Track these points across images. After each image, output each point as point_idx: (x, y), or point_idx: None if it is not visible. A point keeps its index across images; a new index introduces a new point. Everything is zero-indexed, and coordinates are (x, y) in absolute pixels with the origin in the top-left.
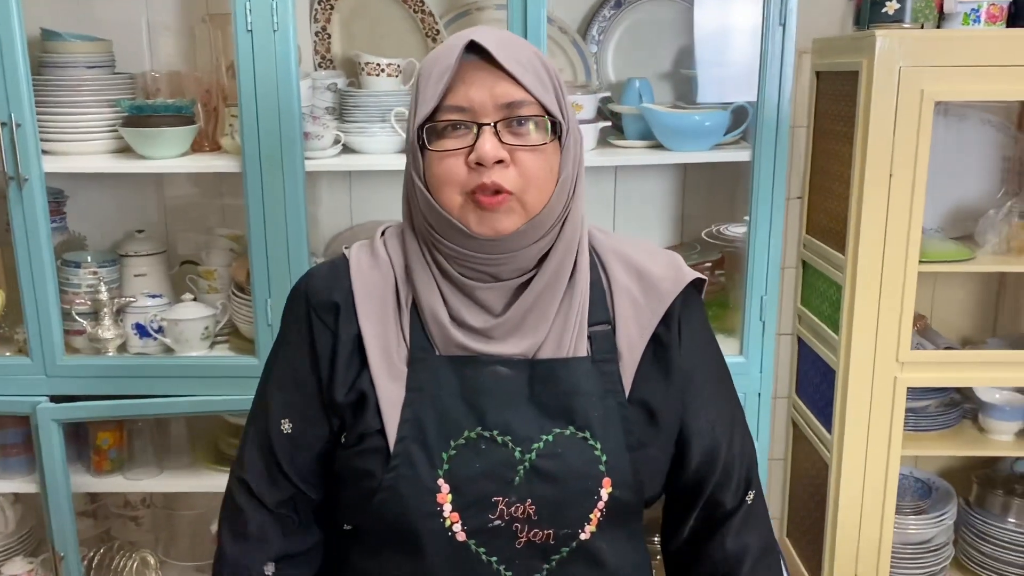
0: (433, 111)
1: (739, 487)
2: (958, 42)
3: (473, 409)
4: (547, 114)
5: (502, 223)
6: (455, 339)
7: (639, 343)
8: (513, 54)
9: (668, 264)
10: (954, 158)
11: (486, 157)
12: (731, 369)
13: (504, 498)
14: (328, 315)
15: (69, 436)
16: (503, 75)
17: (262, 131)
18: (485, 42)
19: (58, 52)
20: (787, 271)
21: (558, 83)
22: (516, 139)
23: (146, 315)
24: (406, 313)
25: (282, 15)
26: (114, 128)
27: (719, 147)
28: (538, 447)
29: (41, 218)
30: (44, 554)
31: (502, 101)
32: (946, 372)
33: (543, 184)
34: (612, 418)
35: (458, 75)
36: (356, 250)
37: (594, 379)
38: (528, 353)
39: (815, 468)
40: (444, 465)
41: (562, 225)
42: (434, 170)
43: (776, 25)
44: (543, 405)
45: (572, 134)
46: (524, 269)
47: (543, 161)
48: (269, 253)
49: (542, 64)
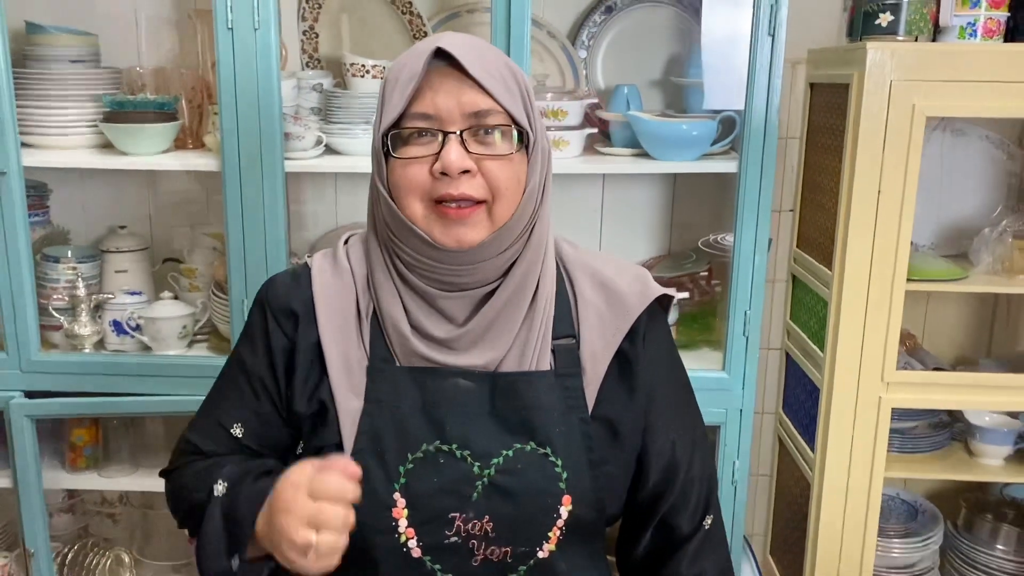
0: (399, 118)
1: (696, 511)
2: (953, 56)
3: (433, 422)
4: (514, 123)
5: (468, 234)
6: (416, 349)
7: (603, 358)
8: (481, 62)
9: (635, 279)
10: (951, 175)
11: (451, 167)
12: (713, 384)
13: (461, 514)
14: (287, 323)
15: (45, 432)
16: (471, 83)
17: (242, 130)
18: (453, 49)
19: (42, 45)
20: (777, 285)
21: (526, 92)
22: (482, 148)
23: (124, 312)
24: (367, 323)
25: (264, 13)
26: (96, 123)
27: (707, 157)
28: (497, 463)
29: (19, 212)
30: (19, 549)
31: (469, 110)
32: (933, 394)
33: (511, 194)
34: (574, 434)
35: (425, 82)
36: (319, 259)
37: (556, 394)
38: (490, 365)
39: (799, 486)
40: (401, 479)
41: (529, 235)
42: (398, 177)
43: (765, 35)
44: (504, 420)
45: (539, 143)
46: (488, 279)
47: (510, 171)
48: (247, 253)
49: (511, 72)
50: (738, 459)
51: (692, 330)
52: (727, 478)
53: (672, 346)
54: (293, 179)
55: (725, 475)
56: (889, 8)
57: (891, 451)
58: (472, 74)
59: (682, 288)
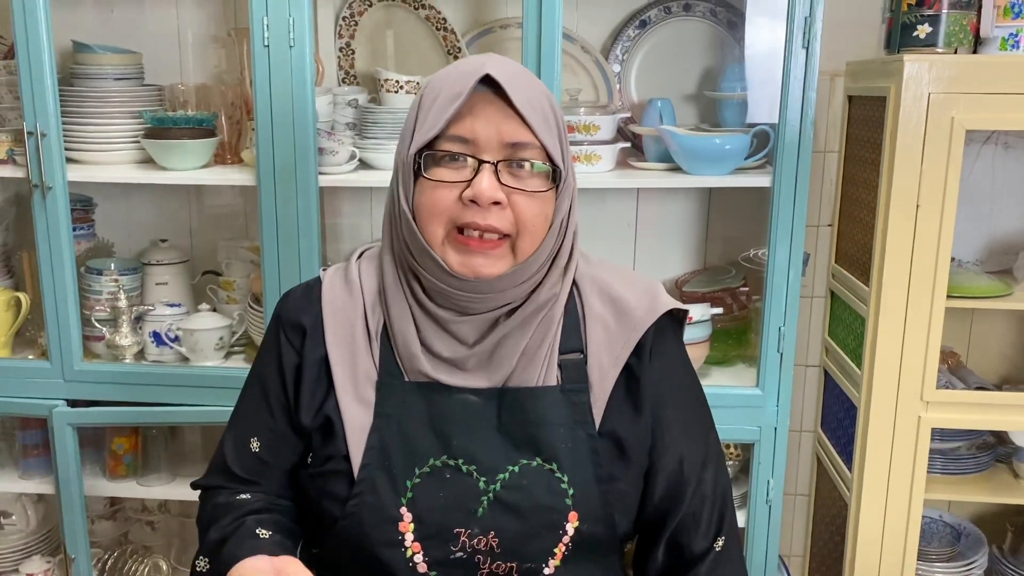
0: (434, 138)
1: (709, 531)
2: (992, 68)
3: (440, 437)
4: (549, 159)
5: (486, 267)
6: (422, 368)
7: (611, 373)
8: (525, 93)
9: (643, 293)
10: (999, 189)
11: (483, 196)
12: (746, 401)
13: (467, 529)
14: (296, 337)
15: (87, 440)
16: (512, 113)
17: (277, 145)
18: (500, 77)
19: (87, 64)
20: (816, 301)
21: (562, 127)
22: (515, 181)
23: (163, 323)
24: (376, 339)
25: (299, 31)
26: (138, 139)
27: (740, 171)
28: (503, 478)
29: (63, 226)
30: (61, 555)
31: (508, 140)
32: (975, 414)
33: (537, 231)
34: (581, 450)
35: (466, 105)
36: (330, 273)
37: (563, 409)
38: (496, 385)
39: (837, 506)
40: (408, 493)
41: (549, 267)
42: (424, 198)
43: (799, 48)
44: (510, 435)
45: (568, 181)
46: (501, 305)
47: (539, 207)
48: (281, 266)
49: (550, 106)
50: (772, 478)
51: (727, 345)
52: (761, 497)
53: (683, 361)
54: (330, 193)
55: (759, 494)
56: (928, 20)
57: (933, 472)
58: (516, 104)
59: (717, 303)
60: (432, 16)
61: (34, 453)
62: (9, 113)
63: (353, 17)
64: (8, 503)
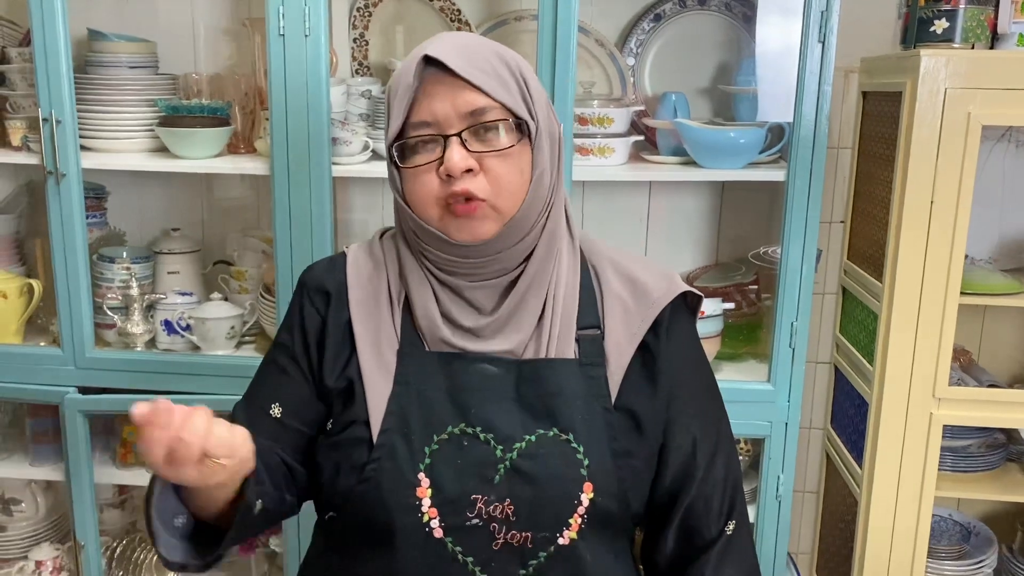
0: (402, 128)
1: (719, 515)
2: (1010, 64)
3: (458, 405)
4: (513, 115)
5: (479, 229)
6: (444, 336)
7: (627, 349)
8: (470, 61)
9: (661, 275)
10: (1012, 187)
11: (454, 168)
12: (757, 396)
13: (483, 496)
14: (320, 300)
15: (97, 427)
16: (463, 84)
17: (291, 135)
18: (439, 54)
19: (102, 52)
20: (827, 297)
21: (523, 81)
22: (483, 145)
23: (175, 312)
24: (398, 309)
25: (314, 21)
26: (152, 128)
27: (754, 166)
28: (520, 447)
29: (77, 213)
30: (71, 542)
31: (464, 110)
32: (987, 411)
33: (514, 188)
34: (596, 423)
35: (420, 90)
36: (355, 247)
37: (580, 382)
38: (516, 351)
39: (846, 503)
40: (426, 459)
41: (547, 218)
42: (410, 187)
43: (815, 43)
44: (528, 405)
45: (545, 128)
46: (509, 267)
47: (511, 164)
48: (294, 256)
49: (504, 65)
50: (783, 474)
51: (738, 341)
52: (771, 493)
53: (697, 346)
54: (342, 185)
55: (769, 490)
56: (945, 15)
57: (943, 470)
58: (462, 75)
59: (728, 299)
60: (447, 7)
61: (44, 440)
62: (24, 100)
63: (367, 8)
64: (18, 490)
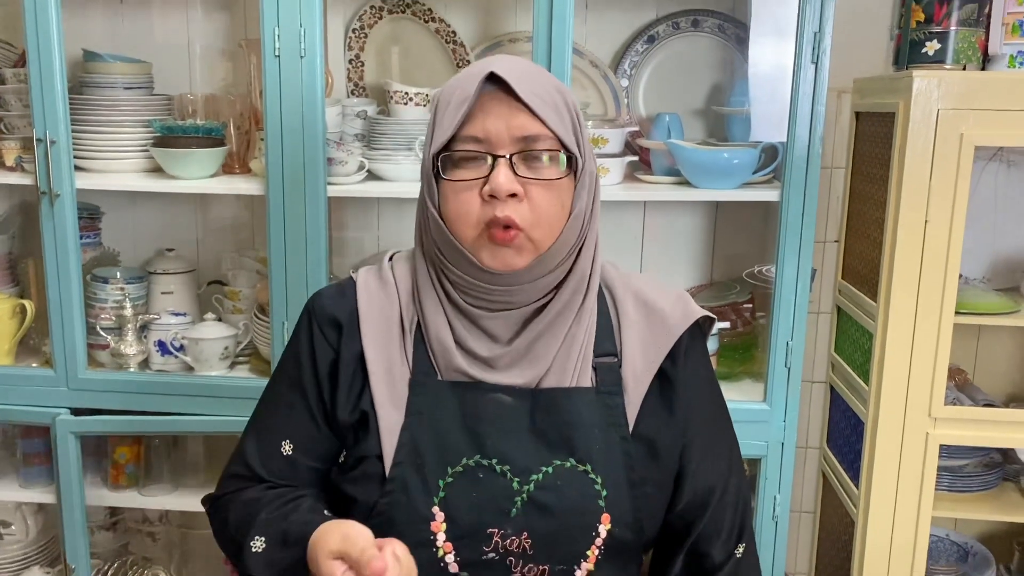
0: (449, 140)
1: (730, 538)
2: (1002, 85)
3: (473, 436)
4: (563, 148)
5: (512, 259)
6: (458, 365)
7: (645, 377)
8: (532, 87)
9: (677, 300)
10: (1004, 206)
11: (500, 189)
12: (753, 416)
13: (500, 530)
14: (331, 332)
15: (89, 449)
16: (521, 107)
17: (286, 155)
18: (505, 73)
19: (98, 73)
20: (822, 316)
21: (576, 117)
22: (531, 172)
23: (168, 332)
24: (410, 336)
25: (310, 42)
26: (147, 148)
27: (748, 186)
28: (537, 478)
29: (71, 233)
30: (61, 565)
31: (518, 134)
32: (984, 431)
33: (553, 220)
34: (614, 452)
35: (476, 105)
36: (363, 273)
37: (597, 411)
38: (531, 383)
39: (843, 524)
40: (440, 493)
41: (576, 256)
42: (449, 202)
43: (808, 64)
44: (544, 435)
45: (587, 167)
46: (533, 299)
47: (555, 196)
48: (288, 276)
49: (562, 97)
50: (779, 494)
51: (733, 361)
52: (768, 513)
53: (710, 369)
54: (337, 205)
55: (766, 510)
56: (936, 37)
57: (940, 489)
58: (522, 98)
59: (723, 318)
60: (442, 29)
61: (35, 462)
62: (18, 121)
63: (363, 29)
64: (8, 512)
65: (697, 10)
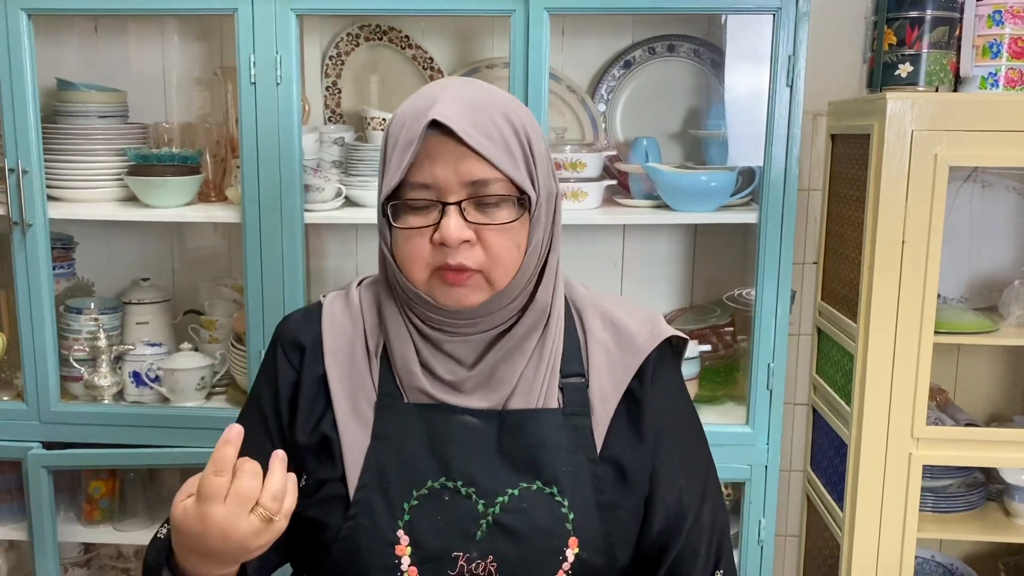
0: (399, 185)
1: (707, 565)
2: (974, 106)
3: (439, 459)
4: (516, 189)
5: (468, 298)
6: (424, 388)
7: (612, 397)
8: (478, 126)
9: (645, 320)
10: (980, 226)
11: (450, 239)
12: (736, 439)
13: (465, 553)
14: (294, 354)
15: (63, 484)
16: (468, 151)
17: (262, 182)
18: (449, 118)
19: (71, 102)
20: (803, 338)
21: (528, 147)
22: (483, 217)
23: (143, 363)
24: (375, 360)
25: (286, 69)
26: (121, 176)
27: (726, 208)
28: (503, 500)
29: (43, 264)
30: None
31: (468, 179)
32: (966, 451)
33: (509, 262)
34: (581, 474)
35: (423, 149)
36: (331, 297)
37: (564, 433)
38: (496, 406)
39: (828, 547)
40: (405, 516)
41: (536, 285)
42: (401, 248)
43: (783, 87)
44: (511, 458)
45: (544, 192)
46: (493, 326)
47: (509, 238)
48: (265, 304)
49: (511, 129)
50: (764, 518)
51: (715, 384)
52: (753, 538)
53: (683, 391)
54: (315, 233)
55: (751, 534)
56: (909, 59)
57: (924, 510)
58: (468, 143)
59: (705, 341)
60: (419, 56)
61: (6, 498)
62: None
63: (340, 56)
64: None
65: (673, 35)
